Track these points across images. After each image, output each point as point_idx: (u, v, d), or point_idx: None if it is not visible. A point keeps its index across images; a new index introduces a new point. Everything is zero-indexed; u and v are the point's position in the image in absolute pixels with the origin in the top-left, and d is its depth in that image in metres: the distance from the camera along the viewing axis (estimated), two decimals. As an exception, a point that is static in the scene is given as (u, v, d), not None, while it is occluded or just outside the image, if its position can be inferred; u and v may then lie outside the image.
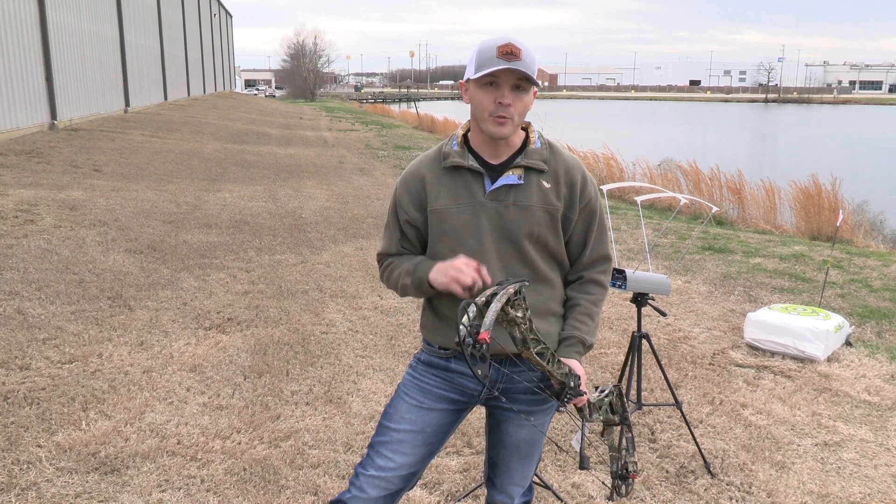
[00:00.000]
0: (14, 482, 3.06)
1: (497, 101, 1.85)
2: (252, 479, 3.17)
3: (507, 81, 1.84)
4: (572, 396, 1.77)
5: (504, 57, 1.81)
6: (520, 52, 1.82)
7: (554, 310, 2.03)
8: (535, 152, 1.96)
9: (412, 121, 35.97)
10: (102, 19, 21.75)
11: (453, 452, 3.49)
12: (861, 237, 9.90)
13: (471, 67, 1.87)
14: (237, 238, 7.95)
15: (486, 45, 1.85)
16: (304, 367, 4.46)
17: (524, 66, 1.82)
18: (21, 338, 4.66)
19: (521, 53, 1.82)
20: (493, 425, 2.16)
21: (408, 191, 2.02)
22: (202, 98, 41.60)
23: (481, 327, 1.55)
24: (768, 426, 3.89)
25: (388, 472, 2.01)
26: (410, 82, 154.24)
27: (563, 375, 1.75)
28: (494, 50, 1.82)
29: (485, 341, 1.52)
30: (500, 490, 2.20)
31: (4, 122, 14.06)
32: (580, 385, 1.79)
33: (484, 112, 1.88)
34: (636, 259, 7.63)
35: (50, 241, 7.18)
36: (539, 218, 1.93)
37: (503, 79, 1.84)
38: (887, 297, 6.50)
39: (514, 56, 1.81)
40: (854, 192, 12.25)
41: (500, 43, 1.83)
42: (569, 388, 1.76)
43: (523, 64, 1.82)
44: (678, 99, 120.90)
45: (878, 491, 3.29)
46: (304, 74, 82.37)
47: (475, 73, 1.84)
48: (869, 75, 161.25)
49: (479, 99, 1.88)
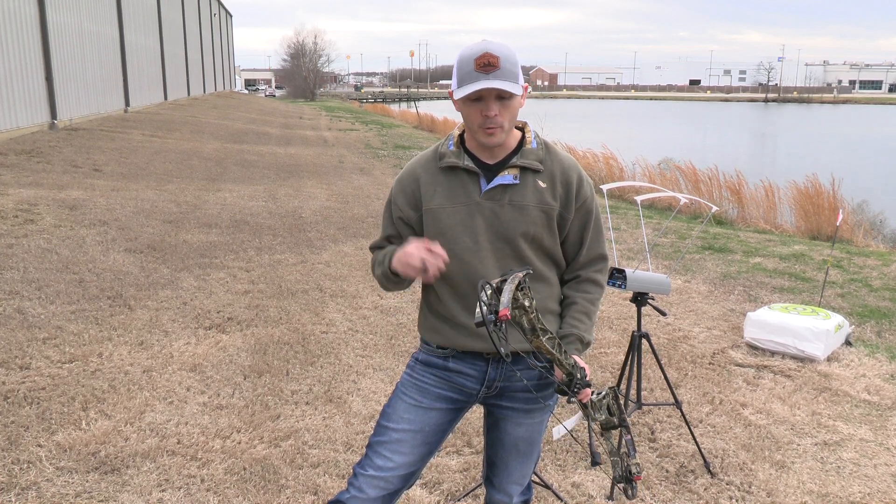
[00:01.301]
0: (14, 482, 3.07)
1: (483, 114, 1.86)
2: (252, 479, 3.18)
3: (490, 94, 1.85)
4: (580, 388, 1.76)
5: (482, 70, 1.81)
6: (497, 60, 1.81)
7: (551, 308, 2.03)
8: (530, 152, 1.96)
9: (412, 120, 35.97)
10: (102, 19, 21.74)
11: (453, 452, 3.49)
12: (861, 237, 9.90)
13: (454, 81, 1.88)
14: (237, 238, 7.96)
15: (464, 58, 1.85)
16: (304, 366, 4.46)
17: (503, 75, 1.81)
18: (21, 337, 4.66)
19: (499, 62, 1.81)
20: (492, 424, 2.16)
21: (403, 190, 2.03)
22: (202, 98, 41.60)
23: (499, 305, 1.55)
24: (768, 426, 3.89)
25: (387, 471, 2.01)
26: (410, 82, 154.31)
27: (571, 367, 1.75)
28: (472, 63, 1.82)
29: (505, 317, 1.52)
30: (499, 489, 2.20)
31: (4, 121, 14.06)
32: (586, 377, 1.79)
33: (473, 125, 1.90)
34: (636, 259, 7.63)
35: (50, 240, 7.18)
36: (535, 217, 1.94)
37: (485, 92, 1.84)
38: (887, 296, 6.50)
39: (492, 66, 1.81)
40: (854, 192, 12.24)
41: (477, 55, 1.82)
42: (576, 379, 1.75)
43: (501, 73, 1.81)
44: (678, 99, 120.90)
45: (878, 490, 3.29)
46: (304, 74, 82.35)
47: (457, 88, 1.85)
48: (869, 75, 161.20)
49: (467, 114, 1.90)
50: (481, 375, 2.04)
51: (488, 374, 2.03)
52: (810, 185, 10.92)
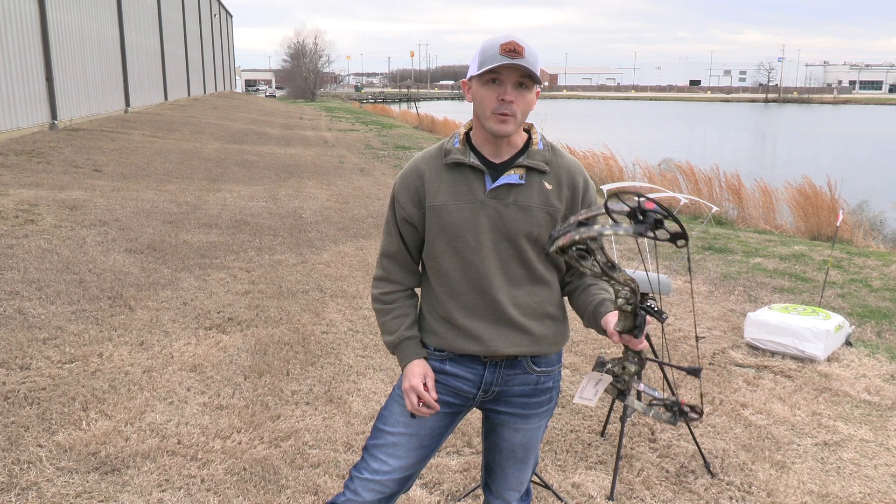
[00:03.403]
0: (14, 482, 3.07)
1: (500, 97, 1.84)
2: (252, 479, 3.18)
3: (509, 78, 1.84)
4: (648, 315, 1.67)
5: (507, 54, 1.80)
6: (523, 49, 1.82)
7: (550, 312, 2.01)
8: (537, 153, 1.94)
9: (412, 121, 35.98)
10: (103, 19, 21.76)
11: (453, 452, 3.49)
12: (861, 237, 9.90)
13: (474, 65, 1.87)
14: (237, 238, 7.96)
15: (490, 44, 1.85)
16: (305, 366, 4.46)
17: (527, 62, 1.81)
18: (21, 338, 4.66)
19: (524, 51, 1.82)
20: (489, 429, 2.15)
21: (406, 186, 2.00)
22: (202, 98, 41.60)
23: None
24: (768, 426, 3.89)
25: (383, 475, 2.01)
26: (410, 82, 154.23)
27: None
28: (497, 48, 1.82)
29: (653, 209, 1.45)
30: (497, 495, 2.19)
31: (5, 122, 14.06)
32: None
33: (486, 109, 1.87)
34: (636, 259, 7.63)
35: (50, 241, 7.18)
36: (539, 219, 1.92)
37: (506, 75, 1.84)
38: (887, 296, 6.51)
39: (517, 53, 1.81)
40: (854, 192, 12.24)
41: (504, 41, 1.82)
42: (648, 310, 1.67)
43: (526, 61, 1.81)
44: (678, 99, 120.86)
45: (878, 491, 3.29)
46: (305, 74, 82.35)
47: (478, 69, 1.84)
48: (869, 75, 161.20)
49: (482, 96, 1.87)
50: (478, 379, 2.02)
51: (485, 377, 2.02)
52: (807, 186, 10.93)
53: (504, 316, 1.95)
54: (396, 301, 2.07)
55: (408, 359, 2.01)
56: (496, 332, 1.96)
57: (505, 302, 1.94)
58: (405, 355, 2.02)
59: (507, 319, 1.96)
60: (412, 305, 2.09)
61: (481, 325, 1.96)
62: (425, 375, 1.98)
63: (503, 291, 1.94)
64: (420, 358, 2.01)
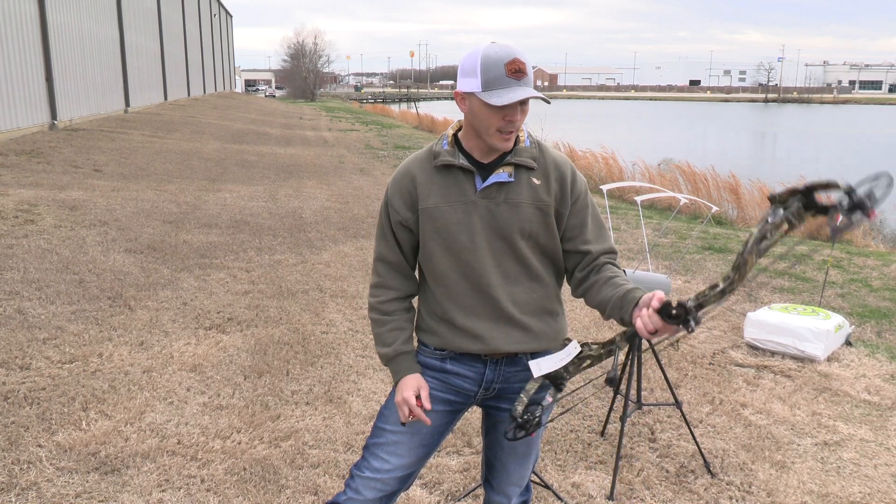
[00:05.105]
0: (14, 482, 3.07)
1: (507, 119, 1.83)
2: (252, 479, 3.18)
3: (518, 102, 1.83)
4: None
5: (514, 76, 1.78)
6: (525, 66, 1.79)
7: (548, 307, 2.02)
8: (524, 150, 1.95)
9: (412, 121, 35.99)
10: (102, 19, 21.75)
11: (453, 452, 3.49)
12: (861, 237, 9.91)
13: (474, 81, 1.81)
14: (237, 238, 7.96)
15: (492, 60, 1.79)
16: (305, 366, 4.46)
17: (530, 82, 1.81)
18: (21, 338, 4.66)
19: (525, 68, 1.80)
20: (490, 426, 2.16)
21: (399, 190, 2.00)
22: (202, 98, 41.60)
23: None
24: (768, 426, 3.89)
25: (384, 473, 2.01)
26: (410, 82, 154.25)
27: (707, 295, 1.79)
28: (502, 68, 1.78)
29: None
30: (498, 490, 2.20)
31: (4, 122, 14.06)
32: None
33: (490, 128, 1.85)
34: (636, 259, 7.63)
35: (50, 241, 7.18)
36: (530, 215, 1.93)
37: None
38: (887, 296, 6.51)
39: (522, 73, 1.79)
40: (854, 193, 12.21)
41: (507, 59, 1.78)
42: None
43: (529, 80, 1.81)
44: (678, 99, 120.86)
45: (878, 491, 3.29)
46: (304, 74, 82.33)
47: (483, 90, 1.79)
48: (869, 75, 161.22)
49: (486, 116, 1.84)
50: (479, 377, 2.03)
51: (486, 375, 2.03)
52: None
53: (503, 313, 1.96)
54: (394, 313, 2.06)
55: (402, 373, 2.02)
56: (496, 330, 1.97)
57: (503, 299, 1.95)
58: (399, 370, 2.03)
59: (506, 317, 1.97)
60: (409, 320, 2.08)
61: (481, 323, 1.97)
62: (419, 388, 1.98)
63: (501, 289, 1.95)
64: (415, 373, 2.02)
